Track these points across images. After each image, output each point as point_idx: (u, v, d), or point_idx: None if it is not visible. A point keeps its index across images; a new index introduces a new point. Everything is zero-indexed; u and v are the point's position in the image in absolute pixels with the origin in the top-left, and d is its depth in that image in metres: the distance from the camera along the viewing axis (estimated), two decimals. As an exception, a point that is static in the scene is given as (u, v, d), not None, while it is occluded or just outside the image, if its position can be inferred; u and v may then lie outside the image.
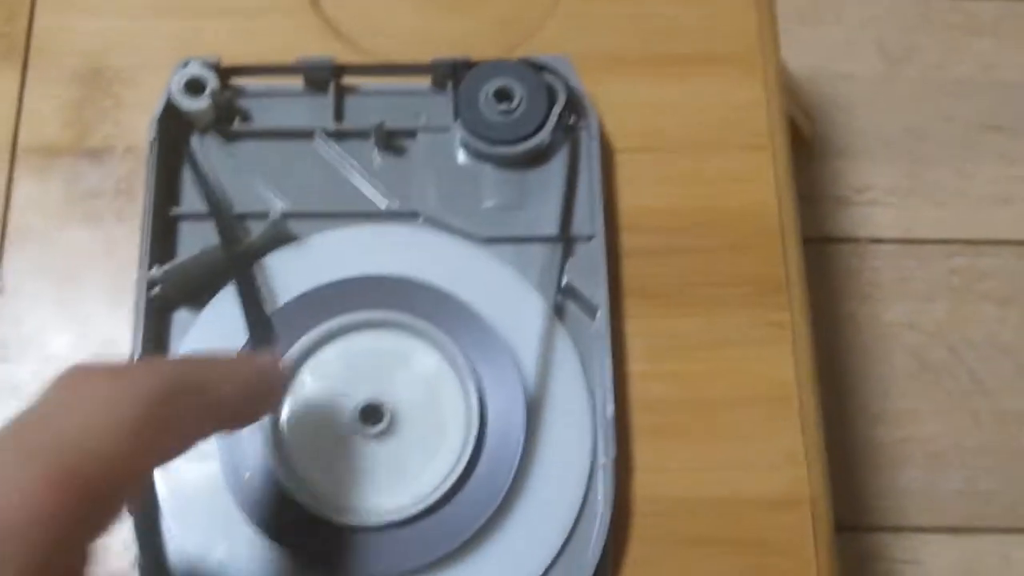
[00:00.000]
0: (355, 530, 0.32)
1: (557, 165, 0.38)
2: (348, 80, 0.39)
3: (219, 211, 0.35)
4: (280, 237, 0.36)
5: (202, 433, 0.26)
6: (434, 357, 0.34)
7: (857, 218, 0.64)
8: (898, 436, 0.59)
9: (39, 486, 0.21)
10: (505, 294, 0.36)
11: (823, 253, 0.62)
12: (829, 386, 0.55)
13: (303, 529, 0.32)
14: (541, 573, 0.33)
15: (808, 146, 0.63)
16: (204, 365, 0.28)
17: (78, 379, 0.24)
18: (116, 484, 0.23)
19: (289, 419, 0.33)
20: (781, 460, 0.35)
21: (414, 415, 0.34)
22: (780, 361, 0.36)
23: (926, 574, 0.57)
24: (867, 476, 0.58)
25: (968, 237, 0.63)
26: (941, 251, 0.63)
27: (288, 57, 0.38)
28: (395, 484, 0.33)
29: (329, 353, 0.34)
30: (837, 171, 0.65)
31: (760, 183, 0.38)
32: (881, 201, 0.64)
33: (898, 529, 0.57)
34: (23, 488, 0.21)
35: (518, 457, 0.33)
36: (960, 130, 0.65)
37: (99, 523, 0.23)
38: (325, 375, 0.34)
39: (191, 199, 0.37)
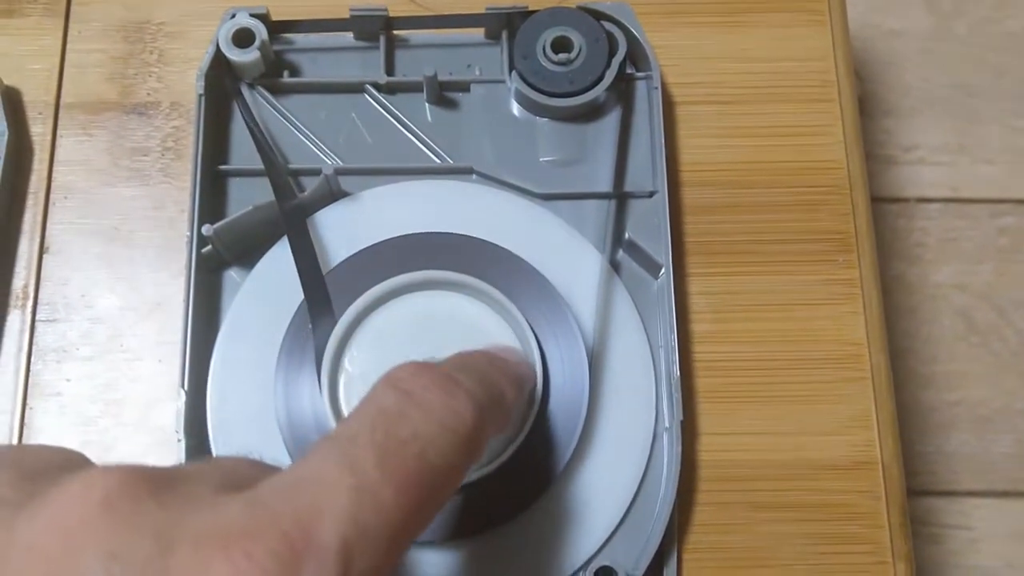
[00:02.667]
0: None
1: (614, 119, 0.36)
2: (398, 32, 0.37)
3: (273, 165, 0.34)
4: (333, 194, 0.35)
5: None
6: (493, 316, 0.33)
7: (905, 177, 0.62)
8: (947, 399, 0.58)
9: (390, 489, 0.21)
10: (563, 252, 0.35)
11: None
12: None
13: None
14: (607, 536, 0.32)
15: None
16: (498, 369, 0.28)
17: (412, 383, 0.23)
18: (447, 494, 0.23)
19: (347, 380, 0.32)
20: (851, 423, 0.34)
21: (474, 376, 0.33)
22: (850, 320, 0.35)
23: (976, 539, 0.56)
24: (916, 440, 0.57)
25: (1018, 196, 0.61)
26: (990, 211, 0.61)
27: (335, 7, 0.37)
28: (455, 447, 0.32)
29: (385, 313, 0.33)
30: (884, 130, 0.63)
31: (827, 137, 0.37)
32: (929, 160, 0.62)
33: (948, 493, 0.56)
34: (376, 491, 0.20)
35: (582, 419, 0.32)
36: (1011, 86, 0.63)
37: (416, 534, 0.22)
38: (381, 336, 0.33)
39: (240, 155, 0.36)
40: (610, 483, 0.32)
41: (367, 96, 0.37)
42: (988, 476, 0.56)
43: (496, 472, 0.31)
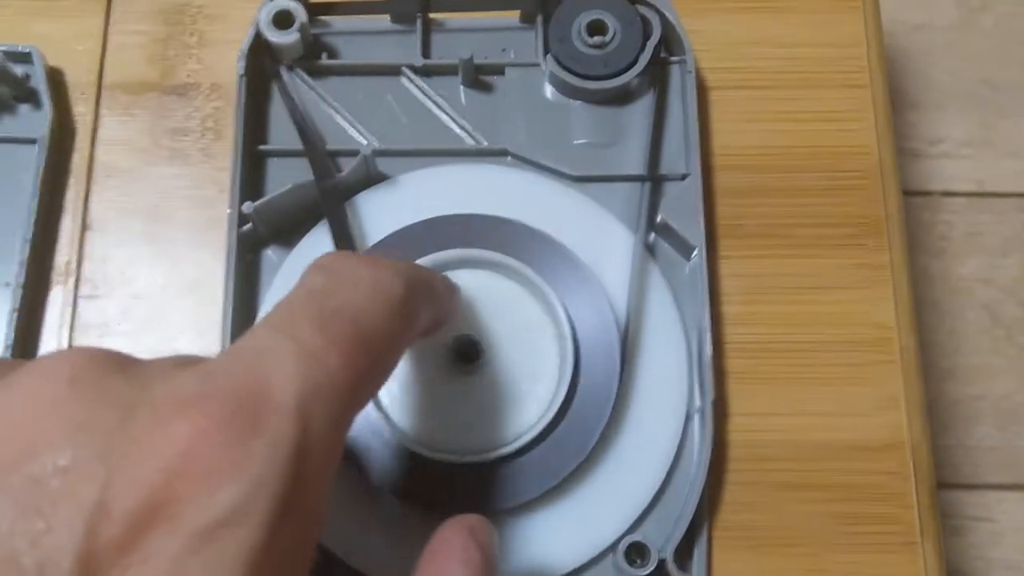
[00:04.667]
0: (450, 467, 0.32)
1: (648, 102, 0.37)
2: (434, 16, 0.38)
3: (312, 145, 0.35)
4: (370, 175, 0.35)
5: (426, 328, 0.27)
6: (526, 294, 0.34)
7: (930, 171, 0.63)
8: (970, 392, 0.58)
9: (333, 355, 0.21)
10: (596, 233, 0.35)
11: (896, 206, 0.61)
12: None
13: (400, 467, 0.32)
14: (638, 515, 0.32)
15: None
16: (423, 268, 0.28)
17: (338, 264, 0.24)
18: (390, 363, 0.24)
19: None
20: (881, 405, 0.34)
21: (508, 355, 0.33)
22: (880, 304, 0.35)
23: (999, 532, 0.56)
24: (939, 433, 0.57)
25: (1044, 191, 0.62)
26: (1015, 204, 0.62)
27: (370, -12, 0.37)
28: (489, 423, 0.32)
29: (420, 291, 0.34)
30: (910, 123, 0.63)
31: (859, 122, 0.37)
32: (954, 154, 0.63)
33: (971, 486, 0.56)
34: (320, 356, 0.21)
35: (613, 397, 0.33)
36: (1037, 80, 0.64)
37: (363, 404, 0.23)
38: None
39: (279, 136, 0.36)
40: (643, 461, 0.33)
41: (403, 79, 0.37)
42: (1011, 469, 0.57)
43: (528, 447, 0.32)
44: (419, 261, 0.33)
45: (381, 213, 0.35)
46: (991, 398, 0.58)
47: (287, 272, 0.35)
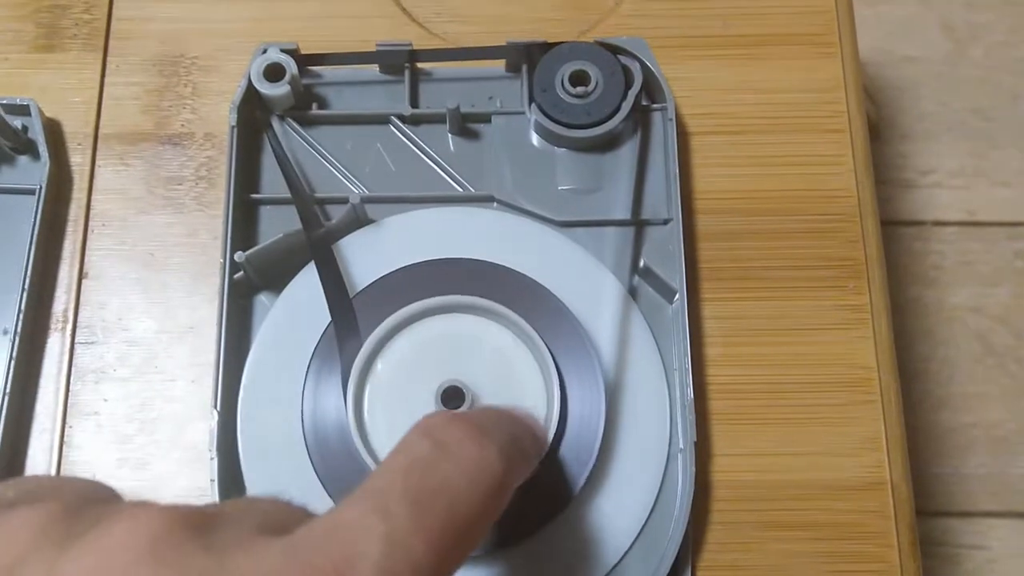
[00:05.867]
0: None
1: (631, 148, 0.38)
2: (422, 66, 0.39)
3: (300, 196, 0.35)
4: (360, 222, 0.36)
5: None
6: (512, 341, 0.34)
7: (921, 201, 0.63)
8: (963, 421, 0.58)
9: (422, 540, 0.21)
10: (581, 278, 0.36)
11: (887, 236, 0.62)
12: (896, 370, 0.54)
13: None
14: (622, 555, 0.33)
15: (873, 130, 0.62)
16: (521, 426, 0.28)
17: (445, 434, 0.24)
18: (475, 543, 0.23)
19: (371, 402, 0.33)
20: (861, 445, 0.35)
21: (493, 399, 0.34)
22: (860, 345, 0.36)
23: (993, 559, 0.56)
24: (932, 461, 0.57)
25: (1034, 220, 0.62)
26: (1006, 233, 0.62)
27: (361, 42, 0.38)
28: (476, 466, 0.33)
29: (409, 336, 0.34)
30: (901, 154, 0.64)
31: (838, 166, 0.38)
32: (945, 184, 0.63)
33: (964, 514, 0.57)
34: (408, 542, 0.21)
35: (598, 441, 0.33)
36: (1026, 110, 0.64)
37: None
38: (406, 358, 0.34)
39: (271, 184, 0.37)
40: (625, 503, 0.33)
41: (392, 127, 0.38)
42: (1005, 497, 0.57)
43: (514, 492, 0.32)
44: (407, 308, 0.34)
45: (370, 257, 0.36)
46: (984, 426, 0.58)
47: (277, 315, 0.35)
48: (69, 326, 0.36)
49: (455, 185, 0.38)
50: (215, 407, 0.33)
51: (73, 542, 0.20)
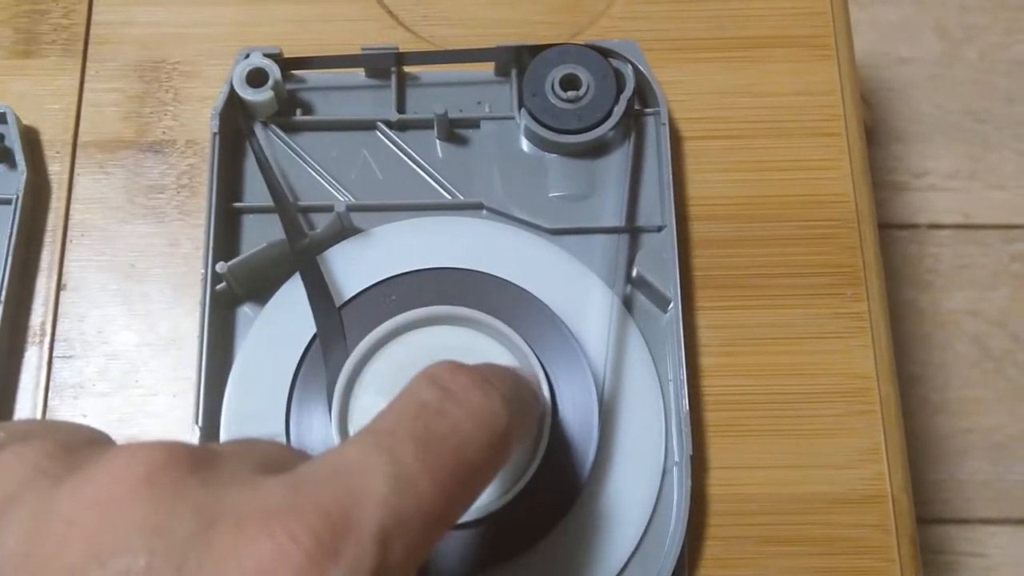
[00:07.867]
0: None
1: (623, 154, 0.37)
2: (409, 70, 0.38)
3: (283, 205, 0.34)
4: (345, 231, 0.35)
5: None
6: (503, 352, 0.34)
7: (916, 204, 0.63)
8: (961, 426, 0.58)
9: (428, 482, 0.21)
10: (573, 287, 0.35)
11: (882, 240, 0.61)
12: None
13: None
14: (618, 571, 0.32)
15: (868, 134, 0.61)
16: (523, 383, 0.28)
17: (453, 382, 0.24)
18: (480, 492, 0.23)
19: (357, 417, 0.32)
20: (861, 457, 0.34)
21: (484, 411, 0.33)
22: (858, 354, 0.35)
23: (992, 567, 0.56)
24: (929, 467, 0.57)
25: (1030, 222, 0.62)
26: (1002, 236, 0.62)
27: (347, 45, 0.37)
28: (466, 482, 0.32)
29: (396, 348, 0.33)
30: (895, 156, 0.63)
31: (835, 170, 0.37)
32: (940, 186, 0.63)
33: (962, 521, 0.56)
34: (414, 482, 0.21)
35: (592, 454, 0.32)
36: (1022, 111, 0.64)
37: (446, 530, 0.22)
38: (393, 370, 0.33)
39: (253, 192, 0.36)
40: (620, 518, 0.33)
41: (379, 133, 0.37)
42: (1003, 503, 0.56)
43: (506, 505, 0.31)
44: (395, 319, 0.33)
45: (356, 267, 0.35)
46: (981, 431, 0.58)
47: (261, 327, 0.35)
48: (47, 339, 0.35)
49: (443, 192, 0.37)
50: (197, 422, 0.32)
51: (68, 475, 0.20)
